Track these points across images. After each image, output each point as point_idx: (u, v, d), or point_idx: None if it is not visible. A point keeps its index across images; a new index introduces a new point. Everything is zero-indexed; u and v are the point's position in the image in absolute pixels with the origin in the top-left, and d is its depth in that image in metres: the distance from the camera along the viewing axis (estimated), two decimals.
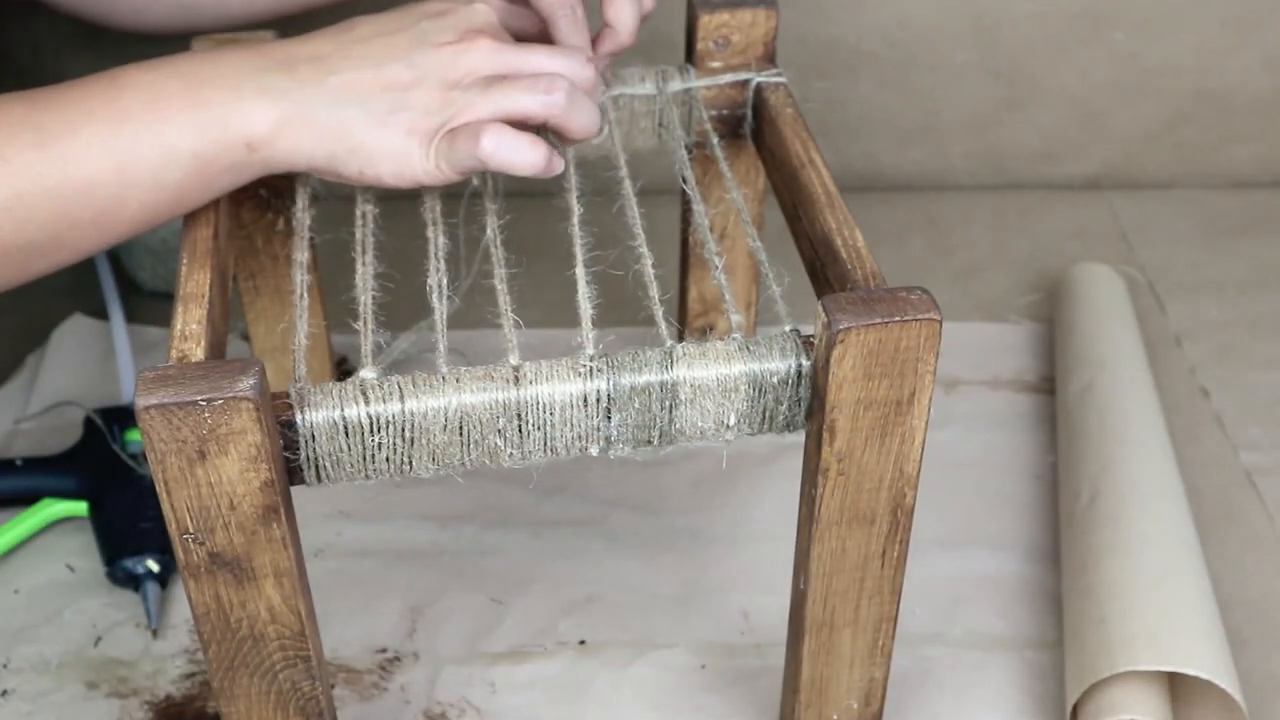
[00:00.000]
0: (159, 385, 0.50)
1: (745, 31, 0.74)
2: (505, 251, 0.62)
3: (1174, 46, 1.06)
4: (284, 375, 0.82)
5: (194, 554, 0.53)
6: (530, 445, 0.56)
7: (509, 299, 0.59)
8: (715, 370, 0.56)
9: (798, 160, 0.67)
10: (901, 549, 0.60)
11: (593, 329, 0.57)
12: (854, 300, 0.54)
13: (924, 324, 0.53)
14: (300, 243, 0.63)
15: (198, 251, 0.60)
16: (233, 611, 0.55)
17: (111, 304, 0.96)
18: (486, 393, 0.54)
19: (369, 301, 0.59)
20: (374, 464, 0.55)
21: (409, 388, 0.54)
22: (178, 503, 0.52)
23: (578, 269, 0.60)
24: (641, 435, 0.57)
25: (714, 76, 0.74)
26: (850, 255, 0.60)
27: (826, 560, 0.59)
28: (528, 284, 0.65)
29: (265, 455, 0.51)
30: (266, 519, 0.53)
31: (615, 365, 0.55)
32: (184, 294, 0.57)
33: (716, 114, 0.75)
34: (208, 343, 0.55)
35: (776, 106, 0.72)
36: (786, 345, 0.56)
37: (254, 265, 0.77)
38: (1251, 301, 0.99)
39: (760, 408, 0.57)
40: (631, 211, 0.64)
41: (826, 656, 0.63)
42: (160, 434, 0.50)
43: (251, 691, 0.58)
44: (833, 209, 0.63)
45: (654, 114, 0.74)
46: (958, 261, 1.04)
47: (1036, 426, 0.88)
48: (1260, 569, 0.78)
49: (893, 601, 0.61)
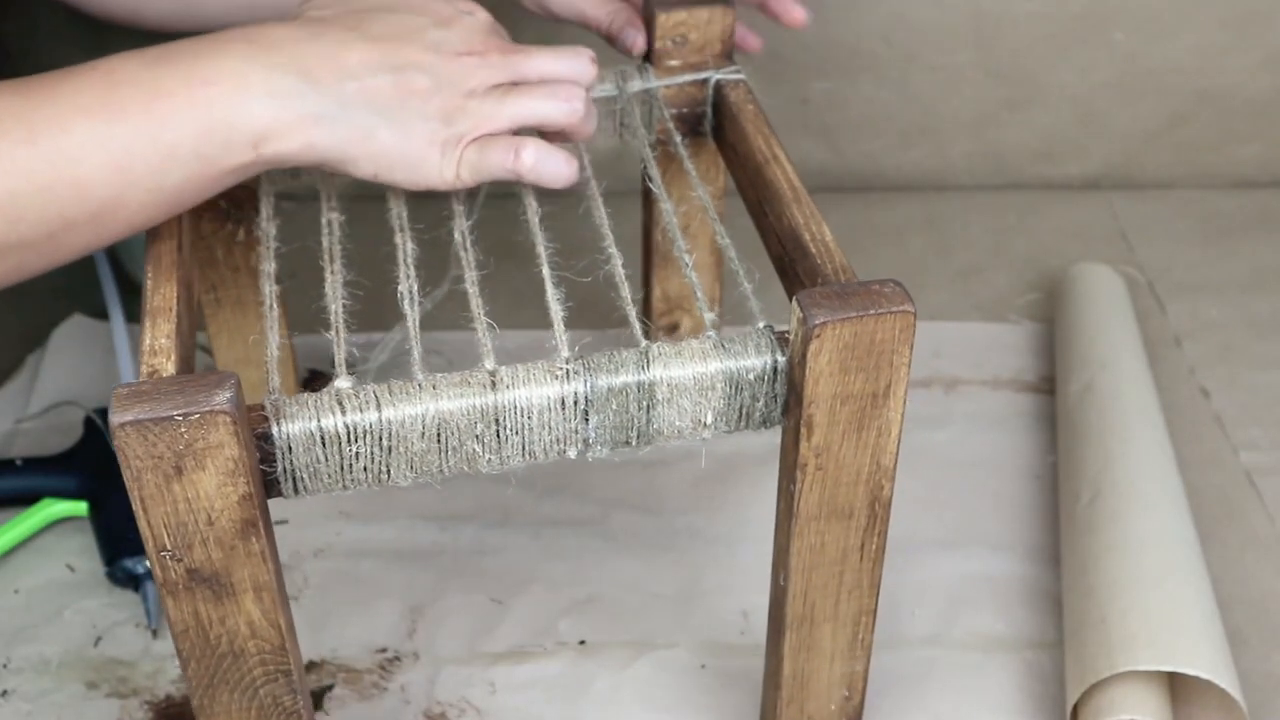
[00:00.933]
0: (134, 401, 0.49)
1: (702, 29, 0.74)
2: (475, 254, 0.61)
3: (1174, 46, 1.06)
4: (249, 387, 0.81)
5: (172, 571, 0.53)
6: (508, 450, 0.56)
7: (481, 301, 0.59)
8: (691, 369, 0.56)
9: (761, 156, 0.67)
10: (880, 542, 0.60)
11: (565, 330, 0.57)
12: (828, 294, 0.54)
13: (898, 316, 0.53)
14: (267, 253, 0.63)
15: (163, 265, 0.59)
16: (212, 628, 0.55)
17: (111, 304, 0.96)
18: (464, 399, 0.54)
19: (340, 310, 0.59)
20: (352, 474, 0.55)
21: (385, 396, 0.54)
22: (155, 520, 0.51)
23: (544, 270, 0.60)
24: (620, 436, 0.57)
25: (673, 75, 0.74)
26: (819, 250, 0.60)
27: (806, 555, 0.59)
28: (500, 285, 0.65)
29: (243, 469, 0.51)
30: (245, 533, 0.52)
31: (592, 367, 0.55)
32: (151, 308, 0.57)
33: (676, 112, 0.75)
34: (178, 357, 0.54)
35: (737, 103, 0.72)
36: (761, 342, 0.56)
37: (215, 277, 0.77)
38: (1251, 301, 0.99)
39: (737, 405, 0.57)
40: (599, 212, 0.64)
41: (807, 652, 0.63)
42: (136, 451, 0.49)
43: (232, 708, 0.57)
44: (799, 204, 0.63)
45: (615, 114, 0.74)
46: (958, 261, 1.04)
47: (1036, 426, 0.88)
48: (1260, 569, 0.78)
49: (872, 595, 0.61)
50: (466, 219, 0.64)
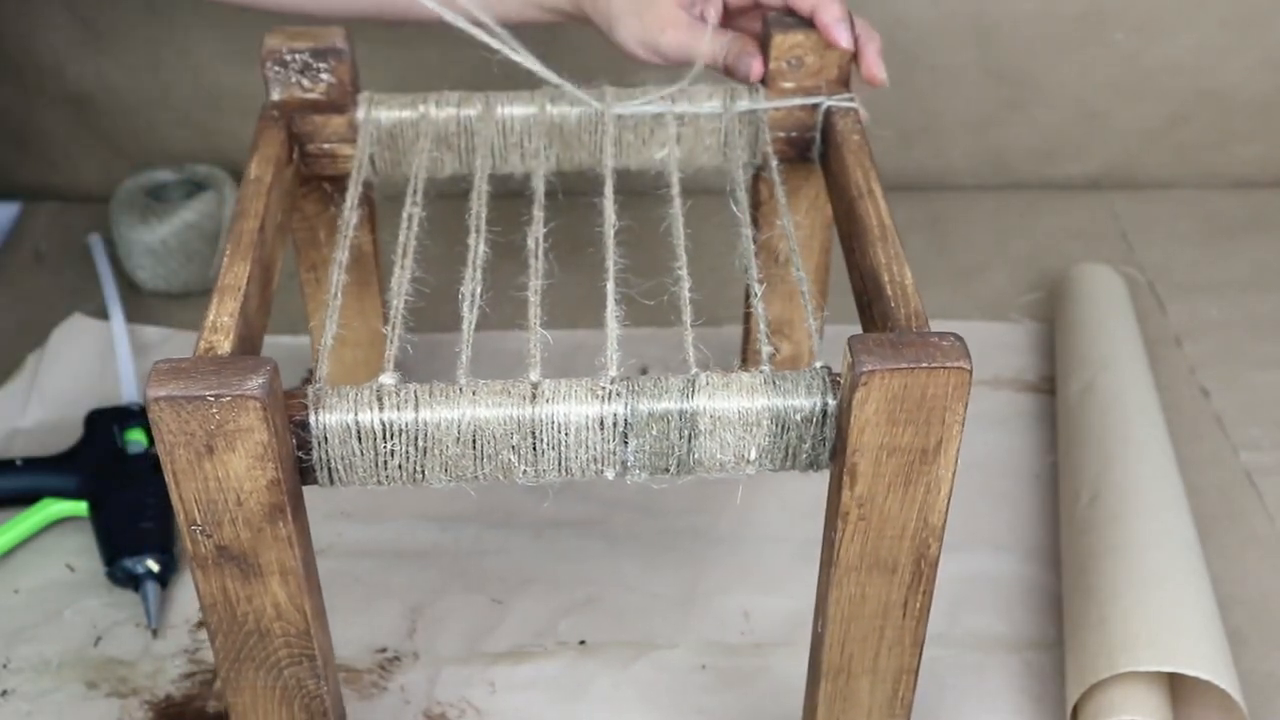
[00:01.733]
0: (170, 378, 0.50)
1: (820, 53, 0.73)
2: (545, 260, 0.61)
3: (1174, 46, 1.06)
4: (345, 369, 0.82)
5: (202, 546, 0.54)
6: (544, 464, 0.55)
7: (539, 311, 0.58)
8: (737, 403, 0.54)
9: (857, 190, 0.65)
10: (925, 600, 0.58)
11: (618, 349, 0.56)
12: (881, 342, 0.52)
13: (953, 372, 0.51)
14: (342, 241, 0.63)
15: (241, 244, 0.60)
16: (239, 605, 0.56)
17: (111, 304, 0.96)
18: (501, 408, 0.54)
19: (401, 306, 0.59)
20: (386, 470, 0.55)
21: (424, 397, 0.54)
22: (186, 494, 0.52)
23: (608, 284, 0.59)
24: (659, 463, 0.56)
25: (783, 98, 0.73)
26: (896, 293, 0.58)
27: (845, 605, 0.57)
28: (566, 281, 0.65)
29: (272, 454, 0.51)
30: (273, 517, 0.53)
31: (635, 390, 0.54)
32: (221, 285, 0.58)
33: (785, 135, 0.74)
34: (237, 336, 0.55)
35: (844, 132, 0.70)
36: (814, 382, 0.55)
37: (315, 257, 0.78)
38: (1251, 301, 0.99)
39: (783, 444, 0.55)
40: (677, 231, 0.63)
41: (843, 704, 0.61)
42: (169, 426, 0.50)
43: (257, 685, 0.59)
44: (885, 243, 0.61)
45: (719, 132, 0.73)
46: (958, 261, 1.04)
47: (1036, 426, 0.88)
48: (1260, 569, 0.78)
49: (914, 654, 0.60)
50: (544, 225, 0.63)
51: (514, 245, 0.64)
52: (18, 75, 1.07)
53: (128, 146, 1.09)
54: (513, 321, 0.57)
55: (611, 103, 0.72)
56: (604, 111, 0.72)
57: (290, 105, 0.71)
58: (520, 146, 0.73)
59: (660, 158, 0.72)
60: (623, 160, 0.73)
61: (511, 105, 0.72)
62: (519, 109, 0.72)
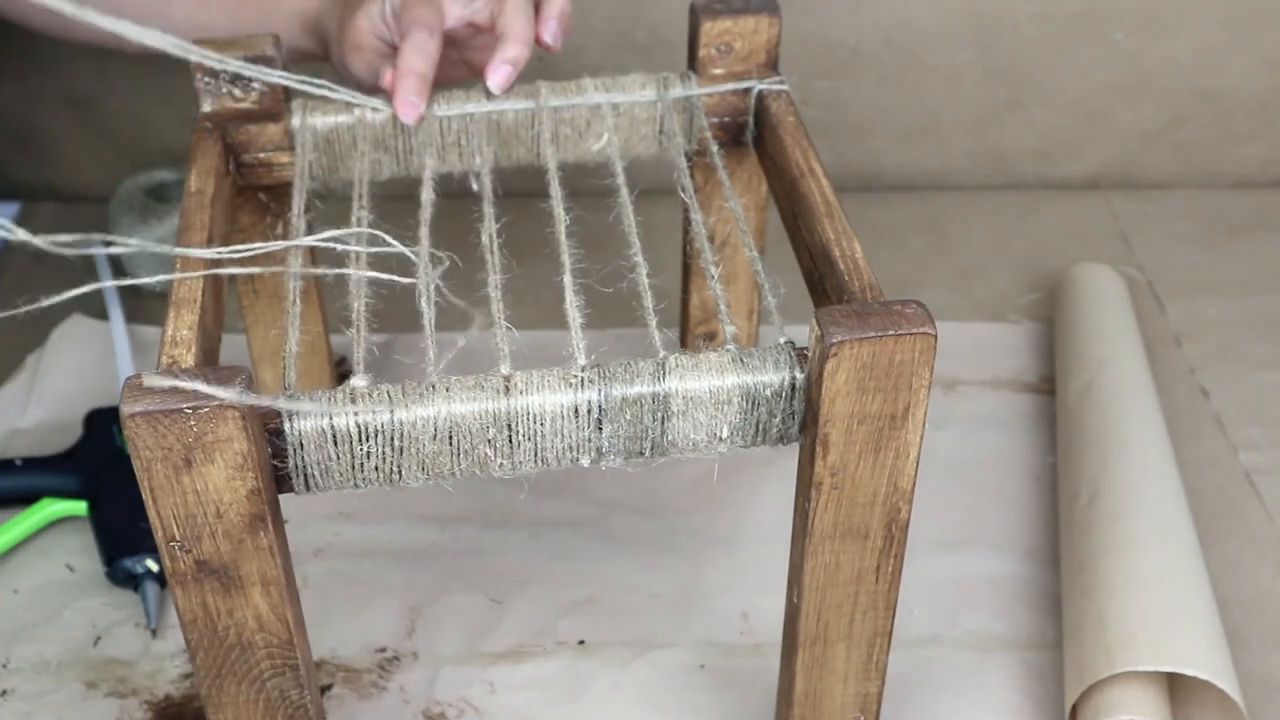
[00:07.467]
0: (145, 392, 0.50)
1: (748, 38, 0.74)
2: (502, 255, 0.61)
3: (1174, 46, 1.06)
4: (279, 380, 0.82)
5: (181, 562, 0.53)
6: (521, 455, 0.55)
7: (503, 306, 0.58)
8: (708, 382, 0.55)
9: (798, 169, 0.66)
10: (896, 564, 0.59)
11: (583, 337, 0.56)
12: (847, 313, 0.53)
13: (918, 338, 0.53)
14: (294, 249, 0.63)
15: (192, 257, 0.60)
16: (220, 619, 0.55)
17: (111, 304, 0.96)
18: (476, 402, 0.54)
19: (362, 308, 0.59)
20: (363, 472, 0.55)
21: (398, 396, 0.54)
22: (164, 510, 0.52)
23: (565, 277, 0.60)
24: (634, 446, 0.56)
25: (716, 84, 0.74)
26: (848, 266, 0.59)
27: (820, 574, 0.58)
28: (526, 286, 0.65)
29: (252, 464, 0.51)
30: (253, 527, 0.53)
31: (607, 376, 0.55)
32: (176, 299, 0.57)
33: (718, 121, 0.74)
34: (199, 348, 0.55)
35: (778, 114, 0.71)
36: (780, 357, 0.56)
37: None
38: (1251, 301, 0.99)
39: (753, 420, 0.56)
40: (628, 219, 0.64)
41: (820, 671, 0.62)
42: (146, 441, 0.50)
43: (239, 699, 0.58)
44: (831, 219, 0.62)
45: (655, 120, 0.74)
46: (958, 261, 1.04)
47: (1036, 426, 0.88)
48: (1260, 569, 0.78)
49: (887, 616, 0.61)
50: (495, 221, 0.63)
51: (470, 245, 0.64)
52: (18, 75, 1.07)
53: (128, 146, 1.09)
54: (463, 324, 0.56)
55: (547, 97, 0.72)
56: (540, 106, 0.72)
57: (224, 116, 0.71)
58: (459, 145, 0.73)
59: (598, 149, 0.72)
60: (561, 154, 0.73)
61: (448, 105, 0.72)
62: (455, 108, 0.72)
